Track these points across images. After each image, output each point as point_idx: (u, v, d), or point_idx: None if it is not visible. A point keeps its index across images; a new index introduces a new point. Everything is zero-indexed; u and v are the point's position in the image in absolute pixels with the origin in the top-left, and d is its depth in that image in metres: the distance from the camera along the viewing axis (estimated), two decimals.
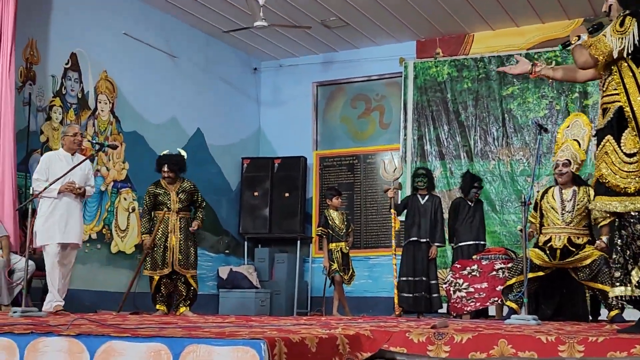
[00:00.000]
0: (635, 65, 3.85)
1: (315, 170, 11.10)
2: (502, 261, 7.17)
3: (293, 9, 9.44)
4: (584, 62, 4.04)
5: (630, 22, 3.83)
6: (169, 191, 7.50)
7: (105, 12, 8.82)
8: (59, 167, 6.46)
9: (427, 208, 8.37)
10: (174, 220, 7.43)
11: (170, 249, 7.33)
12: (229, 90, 10.99)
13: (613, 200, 3.84)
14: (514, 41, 10.10)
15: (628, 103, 3.80)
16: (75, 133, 6.70)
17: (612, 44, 3.84)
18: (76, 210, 6.61)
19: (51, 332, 3.08)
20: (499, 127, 10.01)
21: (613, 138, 3.84)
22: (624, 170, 3.79)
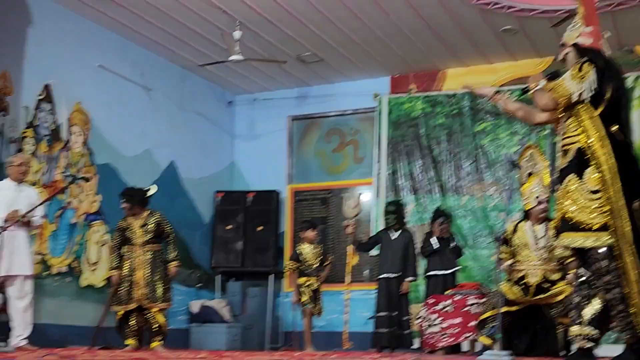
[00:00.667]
0: (593, 109, 4.04)
1: (288, 204, 11.09)
2: (475, 296, 7.18)
3: (268, 43, 9.50)
4: (544, 105, 4.22)
5: (588, 68, 4.04)
6: (133, 225, 7.47)
7: (80, 45, 8.80)
8: (4, 196, 6.44)
9: (398, 243, 8.40)
10: (139, 253, 7.38)
11: (136, 283, 7.25)
12: (204, 124, 10.98)
13: (579, 237, 3.95)
14: (486, 78, 10.24)
15: (588, 144, 3.98)
16: (20, 163, 6.67)
17: (572, 88, 4.04)
18: (22, 241, 6.47)
19: None
20: (472, 162, 10.11)
21: (576, 176, 4.00)
22: (587, 207, 3.93)
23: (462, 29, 9.09)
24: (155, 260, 7.42)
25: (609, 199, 3.90)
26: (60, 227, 8.34)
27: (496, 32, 9.16)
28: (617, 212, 3.88)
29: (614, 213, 3.88)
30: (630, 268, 3.85)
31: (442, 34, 9.25)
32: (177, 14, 8.69)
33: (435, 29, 9.10)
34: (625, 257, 3.85)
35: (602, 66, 4.08)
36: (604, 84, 4.05)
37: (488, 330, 6.12)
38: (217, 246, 10.70)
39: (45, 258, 8.10)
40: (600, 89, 4.03)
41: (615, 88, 4.07)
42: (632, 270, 3.85)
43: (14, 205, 6.39)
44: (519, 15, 8.54)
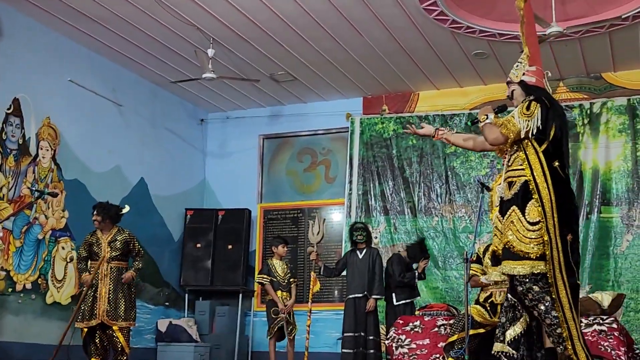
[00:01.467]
0: (538, 145, 4.33)
1: (259, 222, 11.04)
2: (444, 317, 7.18)
3: (241, 61, 9.50)
4: (494, 139, 4.50)
5: (535, 107, 4.32)
6: (100, 240, 7.42)
7: (50, 58, 8.72)
8: None
9: (365, 262, 8.42)
10: (105, 269, 7.32)
11: (99, 300, 7.18)
12: (175, 141, 10.92)
13: (518, 265, 4.25)
14: (457, 101, 10.36)
15: (532, 178, 4.26)
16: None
17: (520, 125, 4.32)
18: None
19: None
20: (442, 184, 10.17)
21: (518, 208, 4.31)
22: (527, 237, 4.23)
23: (434, 52, 9.18)
24: (120, 278, 7.33)
25: (547, 230, 4.18)
26: (26, 243, 8.20)
27: (468, 56, 9.26)
28: (553, 242, 4.17)
29: (551, 244, 4.17)
30: (563, 295, 4.16)
31: (415, 57, 9.33)
32: (150, 30, 8.65)
33: (409, 52, 9.17)
34: (559, 284, 4.16)
35: (547, 105, 4.35)
36: (549, 122, 4.31)
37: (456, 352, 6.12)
38: (187, 264, 10.60)
39: (10, 274, 7.95)
40: (545, 127, 4.30)
41: (559, 126, 4.35)
42: (564, 297, 4.16)
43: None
44: (490, 39, 8.65)
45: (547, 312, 4.19)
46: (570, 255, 4.20)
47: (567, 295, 4.14)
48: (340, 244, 10.42)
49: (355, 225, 8.78)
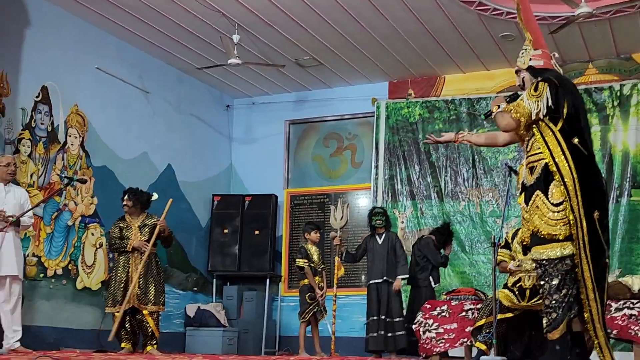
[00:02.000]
0: (553, 125, 4.25)
1: (285, 208, 11.07)
2: (471, 302, 7.15)
3: (267, 47, 9.50)
4: (506, 125, 4.43)
5: (543, 86, 4.26)
6: (130, 225, 7.48)
7: (78, 47, 8.79)
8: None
9: (384, 247, 8.41)
10: (136, 254, 7.37)
11: (130, 284, 7.23)
12: (201, 127, 10.97)
13: (546, 249, 4.18)
14: (484, 84, 10.27)
15: (552, 158, 4.19)
16: (8, 163, 6.61)
17: (530, 107, 4.26)
18: (10, 241, 6.38)
19: None
20: (469, 168, 10.11)
21: (542, 192, 4.23)
22: (552, 219, 4.15)
23: (461, 35, 9.10)
24: (150, 263, 7.40)
25: (572, 210, 4.10)
26: (56, 229, 8.32)
27: (495, 38, 9.16)
28: (578, 222, 4.10)
29: (576, 223, 4.10)
30: (587, 276, 4.09)
31: (441, 40, 9.26)
32: (176, 16, 8.68)
33: (435, 35, 9.11)
34: (583, 265, 4.09)
35: (556, 83, 4.28)
36: (559, 99, 4.24)
37: (484, 337, 6.10)
38: (214, 250, 10.68)
39: (41, 260, 8.08)
40: (557, 105, 4.23)
41: (571, 102, 4.26)
42: (589, 279, 4.09)
43: (1, 205, 6.35)
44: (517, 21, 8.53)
45: (550, 294, 4.15)
46: (601, 233, 4.13)
47: (591, 276, 4.07)
48: (366, 229, 10.37)
49: (374, 210, 8.75)
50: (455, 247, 9.80)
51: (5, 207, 6.36)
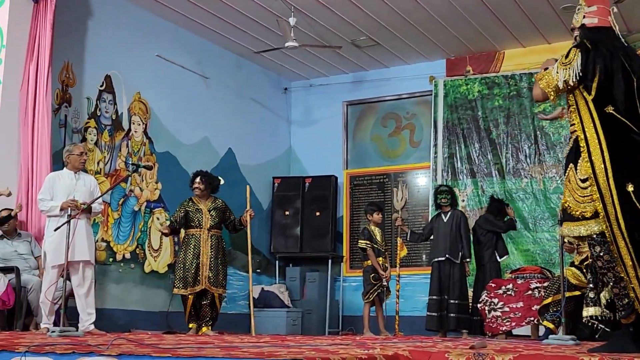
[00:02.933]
0: (587, 93, 3.96)
1: (345, 189, 11.11)
2: (537, 280, 7.08)
3: (323, 29, 9.50)
4: (535, 95, 4.22)
5: (575, 53, 3.99)
6: (200, 207, 7.50)
7: (138, 35, 8.95)
8: (63, 185, 6.53)
9: (449, 225, 8.36)
10: (205, 237, 7.40)
11: (201, 267, 7.29)
12: (260, 111, 11.06)
13: (577, 225, 3.96)
14: (545, 58, 9.98)
15: (582, 130, 3.92)
16: (81, 152, 6.71)
17: (559, 75, 3.99)
18: (82, 228, 6.49)
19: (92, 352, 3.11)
20: (531, 144, 9.95)
21: (574, 166, 3.99)
22: (580, 196, 3.92)
23: (520, 8, 8.92)
24: (219, 246, 7.46)
25: (598, 187, 3.84)
26: (123, 215, 8.54)
27: (556, 10, 8.95)
28: (607, 199, 3.81)
29: (603, 200, 3.82)
30: (624, 253, 3.80)
31: (500, 14, 9.09)
32: (232, 1, 8.75)
33: (493, 9, 8.95)
34: (619, 242, 3.80)
35: (589, 47, 4.00)
36: (588, 65, 3.95)
37: (551, 315, 6.04)
38: (276, 231, 10.80)
39: (110, 245, 8.31)
40: (586, 72, 3.95)
41: (603, 68, 3.95)
42: (626, 255, 3.80)
43: (73, 193, 6.49)
44: None
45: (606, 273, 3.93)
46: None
47: (629, 253, 3.77)
48: (426, 208, 10.38)
49: (439, 188, 8.68)
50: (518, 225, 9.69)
51: (76, 194, 6.53)
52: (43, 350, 3.20)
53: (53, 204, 6.41)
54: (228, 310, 9.69)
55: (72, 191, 6.52)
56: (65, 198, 6.44)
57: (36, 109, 7.30)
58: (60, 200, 6.41)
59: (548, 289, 6.32)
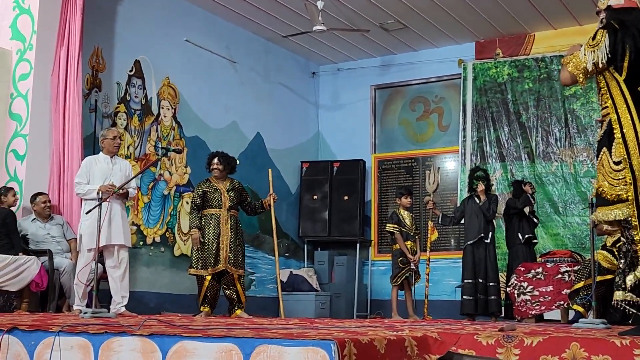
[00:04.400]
0: (618, 74, 3.90)
1: (373, 173, 11.09)
2: (567, 264, 7.03)
3: (351, 12, 9.46)
4: (564, 79, 4.15)
5: (602, 35, 3.92)
6: (219, 188, 7.42)
7: (167, 20, 8.99)
8: (99, 169, 6.59)
9: (484, 208, 8.28)
10: (225, 217, 7.31)
11: (221, 247, 7.21)
12: (288, 95, 11.07)
13: (612, 209, 3.90)
14: (576, 40, 9.71)
15: (615, 111, 3.84)
16: (114, 136, 6.76)
17: (587, 57, 3.93)
18: (118, 212, 6.55)
19: (124, 332, 3.16)
20: (562, 127, 9.84)
21: (607, 149, 3.92)
22: (615, 179, 3.84)
23: None
24: (237, 227, 7.42)
25: (630, 169, 3.78)
26: (153, 199, 8.62)
27: None
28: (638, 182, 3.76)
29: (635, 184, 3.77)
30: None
31: None
32: None
33: None
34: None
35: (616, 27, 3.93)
36: (617, 45, 3.88)
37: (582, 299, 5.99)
38: (304, 215, 10.83)
39: (140, 228, 8.40)
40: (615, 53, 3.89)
41: (633, 47, 3.88)
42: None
43: (109, 177, 6.57)
44: None
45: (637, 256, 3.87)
46: None
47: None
48: (455, 192, 10.34)
49: (476, 173, 8.52)
50: (548, 209, 9.62)
51: (112, 178, 6.56)
52: (76, 330, 3.26)
53: (90, 187, 6.47)
54: (257, 293, 9.77)
55: (109, 175, 6.58)
56: (102, 182, 6.50)
57: (67, 94, 7.39)
58: (96, 184, 6.47)
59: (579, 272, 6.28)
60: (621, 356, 3.07)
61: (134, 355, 3.05)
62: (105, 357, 3.12)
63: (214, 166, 7.48)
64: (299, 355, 2.70)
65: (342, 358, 2.66)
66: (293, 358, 2.71)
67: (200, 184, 7.51)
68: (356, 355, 2.74)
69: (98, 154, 6.90)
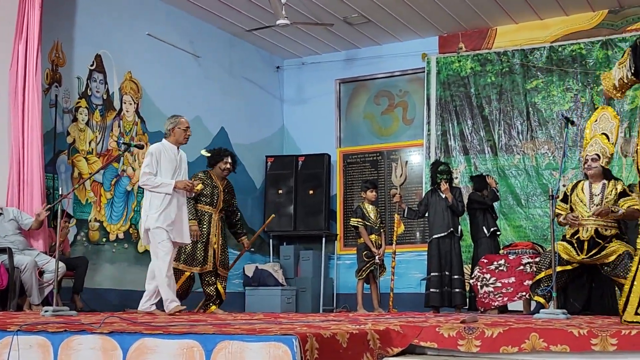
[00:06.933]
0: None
1: (339, 167, 11.11)
2: (529, 256, 7.13)
3: (315, 6, 9.45)
4: (604, 93, 4.57)
5: (627, 53, 4.33)
6: (218, 186, 7.29)
7: (129, 14, 8.88)
8: (168, 160, 6.19)
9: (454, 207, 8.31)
10: (216, 218, 7.25)
11: (211, 247, 7.14)
12: (253, 89, 11.02)
13: None
14: (537, 34, 10.03)
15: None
16: (187, 127, 6.35)
17: (615, 74, 4.37)
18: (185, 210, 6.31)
19: (84, 330, 3.12)
20: (524, 121, 9.95)
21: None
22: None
23: None
24: (224, 228, 7.36)
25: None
26: (116, 195, 8.53)
27: None
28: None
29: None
30: None
31: None
32: None
33: None
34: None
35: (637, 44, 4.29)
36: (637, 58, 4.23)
37: (543, 290, 6.08)
38: (270, 210, 10.79)
39: (103, 225, 8.31)
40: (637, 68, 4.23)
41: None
42: None
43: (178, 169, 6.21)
44: None
45: None
46: None
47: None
48: (420, 185, 10.40)
49: (439, 168, 8.54)
50: (510, 201, 9.73)
51: (181, 171, 6.26)
52: (35, 329, 3.21)
53: (164, 181, 6.08)
54: None
55: (176, 167, 6.23)
56: (171, 174, 6.14)
57: (26, 89, 7.26)
58: (165, 176, 6.11)
59: (540, 263, 6.36)
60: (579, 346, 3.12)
61: (94, 353, 3.02)
62: (65, 355, 3.09)
63: (226, 165, 7.27)
64: (261, 350, 2.70)
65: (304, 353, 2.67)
66: (255, 354, 2.71)
67: (200, 175, 7.27)
68: (318, 350, 2.75)
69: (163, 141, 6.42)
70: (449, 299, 8.14)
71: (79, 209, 8.05)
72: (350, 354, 2.96)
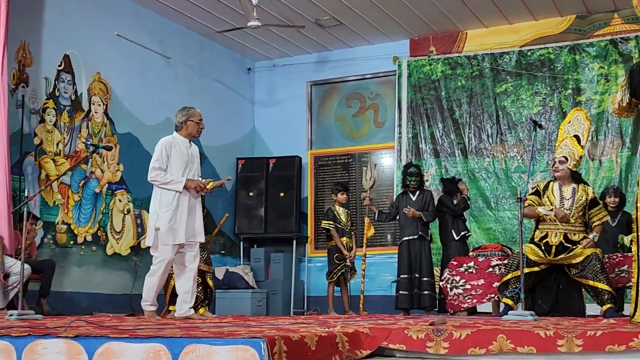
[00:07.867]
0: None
1: (310, 169, 11.10)
2: (498, 258, 7.17)
3: (286, 8, 9.43)
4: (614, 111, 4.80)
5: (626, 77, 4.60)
6: None
7: (97, 14, 8.79)
8: (179, 154, 5.88)
9: (418, 204, 8.34)
10: None
11: None
12: (223, 91, 10.97)
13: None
14: (507, 39, 10.12)
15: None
16: (200, 119, 6.00)
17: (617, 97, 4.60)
18: (199, 206, 6.01)
19: (49, 334, 3.07)
20: (493, 124, 10.03)
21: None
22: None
23: None
24: None
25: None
26: (84, 197, 8.43)
27: None
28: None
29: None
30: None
31: None
32: None
33: None
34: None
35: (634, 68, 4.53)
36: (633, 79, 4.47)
37: (511, 292, 6.12)
38: (240, 213, 10.77)
39: (71, 227, 8.20)
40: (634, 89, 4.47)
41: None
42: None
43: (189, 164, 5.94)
44: None
45: None
46: None
47: None
48: (391, 187, 10.44)
49: (409, 169, 8.53)
50: (480, 204, 9.80)
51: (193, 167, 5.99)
52: None
53: (174, 178, 5.78)
54: None
55: (188, 162, 5.94)
56: (182, 169, 5.85)
57: None
58: (175, 172, 5.83)
59: (508, 265, 6.40)
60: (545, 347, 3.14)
61: (58, 358, 2.98)
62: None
63: None
64: (228, 354, 2.68)
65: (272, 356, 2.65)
66: (222, 357, 2.69)
67: None
68: (286, 353, 2.73)
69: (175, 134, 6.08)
70: (419, 301, 8.16)
71: (46, 211, 7.94)
72: (319, 357, 2.96)
